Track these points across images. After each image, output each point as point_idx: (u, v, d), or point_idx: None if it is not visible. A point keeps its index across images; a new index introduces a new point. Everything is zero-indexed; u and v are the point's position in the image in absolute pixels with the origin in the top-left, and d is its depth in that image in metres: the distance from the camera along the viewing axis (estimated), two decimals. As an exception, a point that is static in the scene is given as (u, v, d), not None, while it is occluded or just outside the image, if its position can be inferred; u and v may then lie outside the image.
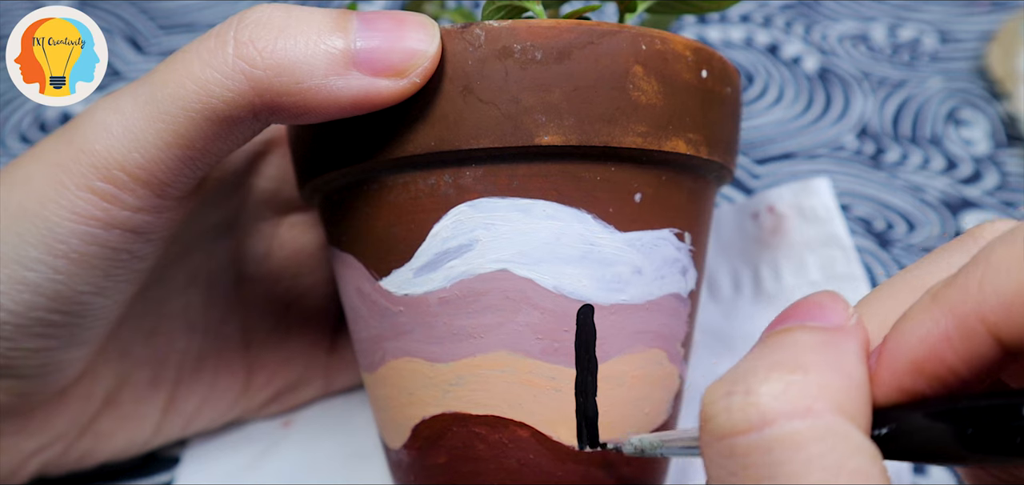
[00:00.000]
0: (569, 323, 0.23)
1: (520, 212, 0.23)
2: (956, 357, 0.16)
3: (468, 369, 0.23)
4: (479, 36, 0.22)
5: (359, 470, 0.32)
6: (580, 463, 0.24)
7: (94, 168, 0.22)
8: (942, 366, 0.17)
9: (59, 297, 0.23)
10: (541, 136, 0.22)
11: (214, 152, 0.23)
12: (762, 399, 0.16)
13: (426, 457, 0.25)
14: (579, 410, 0.23)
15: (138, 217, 0.23)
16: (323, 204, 0.27)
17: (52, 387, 0.26)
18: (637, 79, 0.23)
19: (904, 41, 0.48)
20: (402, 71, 0.21)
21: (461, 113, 0.22)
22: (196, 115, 0.22)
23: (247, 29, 0.21)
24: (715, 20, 0.49)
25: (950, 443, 0.16)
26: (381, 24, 0.22)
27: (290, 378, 0.33)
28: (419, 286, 0.23)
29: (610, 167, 0.23)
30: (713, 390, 0.17)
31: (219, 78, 0.21)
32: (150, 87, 0.22)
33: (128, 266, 0.24)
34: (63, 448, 0.28)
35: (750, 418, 0.16)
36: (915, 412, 0.17)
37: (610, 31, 0.22)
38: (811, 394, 0.16)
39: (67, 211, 0.22)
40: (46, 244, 0.23)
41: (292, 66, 0.21)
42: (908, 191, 0.41)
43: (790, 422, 0.15)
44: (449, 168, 0.23)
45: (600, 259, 0.23)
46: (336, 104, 0.22)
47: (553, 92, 0.22)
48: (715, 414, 0.16)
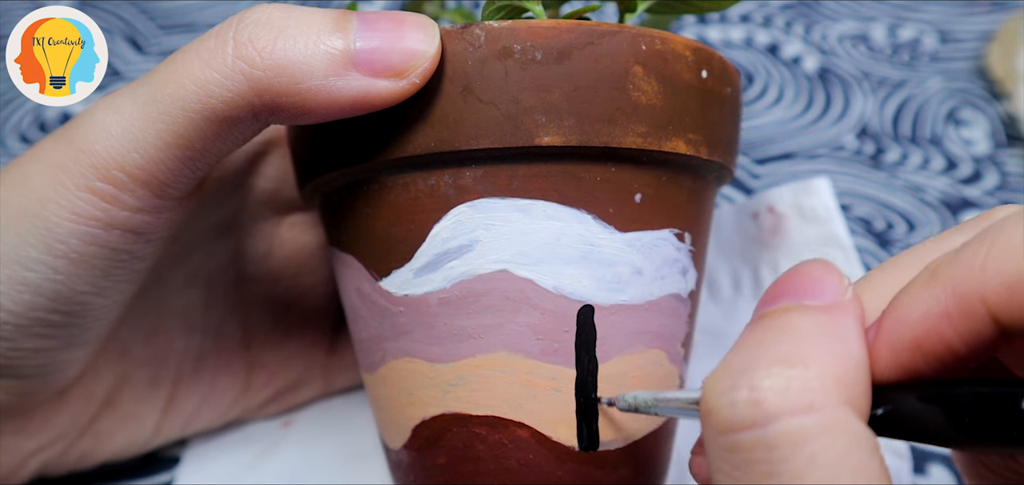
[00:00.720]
0: (569, 323, 0.23)
1: (520, 212, 0.23)
2: (955, 335, 0.16)
3: (468, 369, 0.23)
4: (479, 36, 0.22)
5: (359, 470, 0.32)
6: (580, 463, 0.24)
7: (94, 168, 0.22)
8: (940, 344, 0.17)
9: (59, 297, 0.23)
10: (541, 136, 0.22)
11: (214, 152, 0.23)
12: (765, 395, 0.16)
13: (426, 457, 0.25)
14: (579, 411, 0.23)
15: (138, 217, 0.23)
16: (323, 204, 0.27)
17: (52, 387, 0.26)
18: (637, 79, 0.23)
19: (904, 41, 0.48)
20: (402, 72, 0.21)
21: (461, 113, 0.22)
22: (195, 115, 0.22)
23: (247, 29, 0.21)
24: (715, 20, 0.49)
25: (946, 428, 0.16)
26: (381, 25, 0.22)
27: (290, 378, 0.33)
28: (419, 286, 0.23)
29: (610, 167, 0.23)
30: (715, 383, 0.17)
31: (218, 78, 0.21)
32: (149, 87, 0.22)
33: (128, 266, 0.24)
34: (63, 448, 0.28)
35: (754, 415, 0.16)
36: (910, 394, 0.17)
37: (610, 31, 0.22)
38: (814, 388, 0.16)
39: (67, 211, 0.22)
40: (46, 244, 0.23)
41: (291, 66, 0.21)
42: (908, 191, 0.41)
43: (794, 418, 0.15)
44: (449, 168, 0.23)
45: (600, 259, 0.23)
46: (336, 105, 0.22)
47: (553, 92, 0.22)
48: (718, 408, 0.16)
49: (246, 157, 0.30)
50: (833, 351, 0.16)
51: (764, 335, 0.17)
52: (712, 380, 0.17)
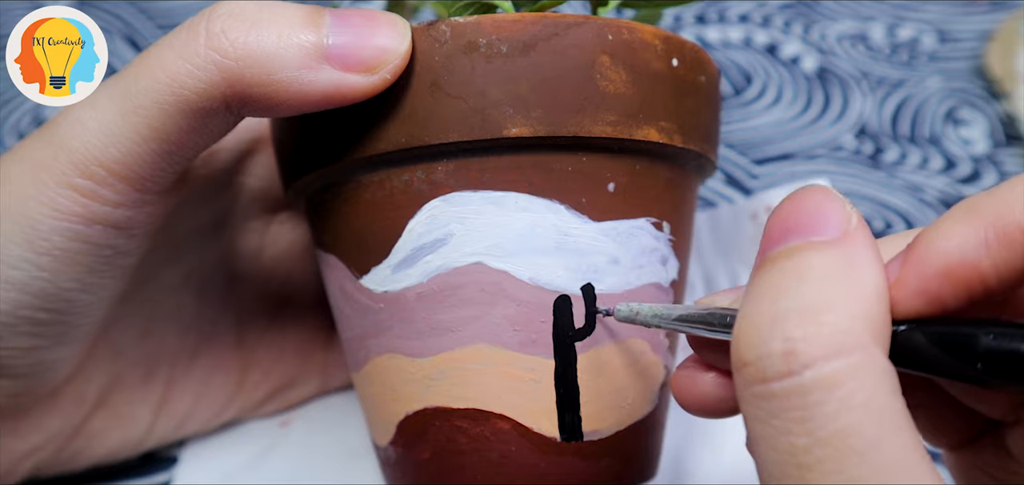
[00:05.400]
0: (546, 314, 0.23)
1: (493, 205, 0.23)
2: (991, 265, 0.17)
3: (447, 363, 0.24)
4: (445, 32, 0.22)
5: (357, 470, 0.32)
6: (562, 455, 0.24)
7: (73, 164, 0.22)
8: (974, 273, 0.17)
9: (45, 294, 0.24)
10: (509, 128, 0.22)
11: (190, 145, 0.23)
12: (798, 345, 0.16)
13: (411, 453, 0.25)
14: (560, 401, 0.23)
15: (119, 212, 0.23)
16: (307, 206, 0.27)
17: (44, 387, 0.26)
18: (604, 69, 0.23)
19: (903, 41, 0.48)
20: (373, 67, 0.22)
21: (430, 109, 0.22)
22: (169, 107, 0.22)
23: (219, 20, 0.22)
24: (714, 20, 0.49)
25: (969, 371, 0.16)
26: (353, 21, 0.22)
27: (286, 376, 0.33)
28: (397, 282, 0.24)
29: (581, 157, 0.23)
30: (746, 335, 0.17)
31: (191, 69, 0.21)
32: (125, 82, 0.22)
33: (112, 262, 0.25)
34: (56, 448, 0.29)
35: (789, 365, 0.16)
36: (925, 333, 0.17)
37: (575, 22, 0.23)
38: (843, 330, 0.16)
39: (48, 208, 0.23)
40: (29, 242, 0.23)
41: (264, 58, 0.21)
42: (907, 191, 0.41)
43: (827, 364, 0.16)
44: (421, 164, 0.23)
45: (575, 249, 0.23)
46: (307, 97, 0.22)
47: (520, 84, 0.22)
48: (754, 360, 0.17)
49: (235, 156, 0.30)
50: (854, 288, 0.17)
51: (783, 280, 0.17)
52: (742, 333, 0.17)
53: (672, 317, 0.21)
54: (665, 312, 0.22)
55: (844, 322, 0.16)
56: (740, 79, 0.47)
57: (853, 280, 0.17)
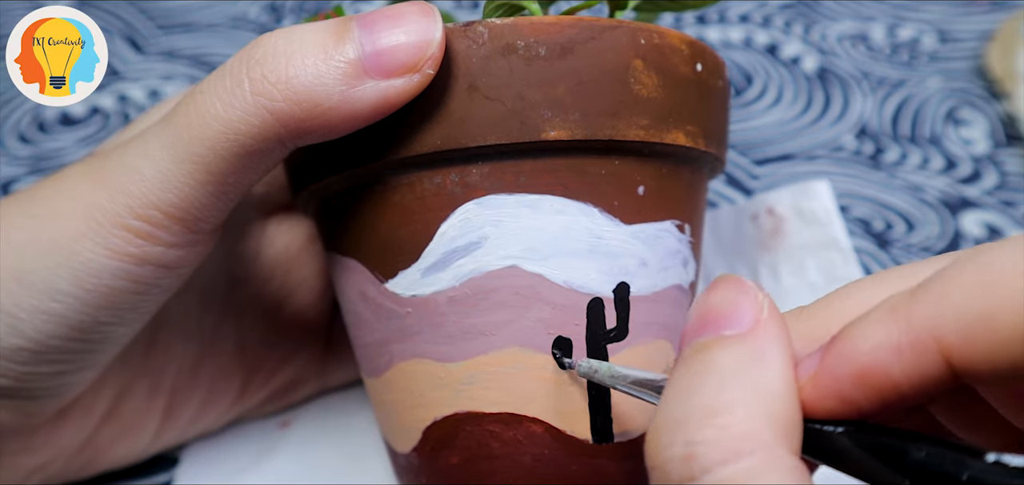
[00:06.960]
0: (579, 317, 0.23)
1: (528, 208, 0.23)
2: (903, 373, 0.16)
3: (479, 367, 0.23)
4: (483, 33, 0.22)
5: (358, 471, 0.32)
6: (595, 457, 0.24)
7: (129, 208, 0.23)
8: (887, 380, 0.16)
9: (82, 327, 0.24)
10: (547, 131, 0.22)
11: (245, 183, 0.23)
12: (698, 449, 0.16)
13: (438, 459, 0.25)
14: (592, 404, 0.23)
15: (171, 252, 0.24)
16: (320, 210, 0.27)
17: (57, 406, 0.27)
18: (638, 73, 0.23)
19: (903, 41, 0.48)
20: (413, 66, 0.21)
21: (467, 111, 0.22)
22: (225, 152, 0.22)
23: (257, 66, 0.22)
24: (714, 20, 0.49)
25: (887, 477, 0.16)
26: (380, 24, 0.22)
27: (287, 377, 0.33)
28: (427, 286, 0.23)
29: (614, 160, 0.23)
30: (656, 438, 0.17)
31: (242, 115, 0.22)
32: (175, 130, 0.22)
33: (153, 298, 0.25)
34: (65, 462, 0.29)
35: (691, 469, 0.16)
36: (854, 436, 0.17)
37: (610, 26, 0.23)
38: (742, 434, 0.16)
39: (102, 248, 0.23)
40: (77, 278, 0.23)
41: (307, 91, 0.21)
42: (907, 191, 0.41)
43: (725, 468, 0.16)
44: (455, 166, 0.23)
45: (607, 252, 0.23)
46: (358, 115, 0.22)
47: (558, 87, 0.22)
48: (661, 465, 0.17)
49: None
50: (756, 387, 0.16)
51: (691, 381, 0.17)
52: (651, 435, 0.17)
53: (628, 379, 0.21)
54: (621, 373, 0.21)
55: (743, 424, 0.16)
56: (741, 79, 0.47)
57: (756, 378, 0.16)
